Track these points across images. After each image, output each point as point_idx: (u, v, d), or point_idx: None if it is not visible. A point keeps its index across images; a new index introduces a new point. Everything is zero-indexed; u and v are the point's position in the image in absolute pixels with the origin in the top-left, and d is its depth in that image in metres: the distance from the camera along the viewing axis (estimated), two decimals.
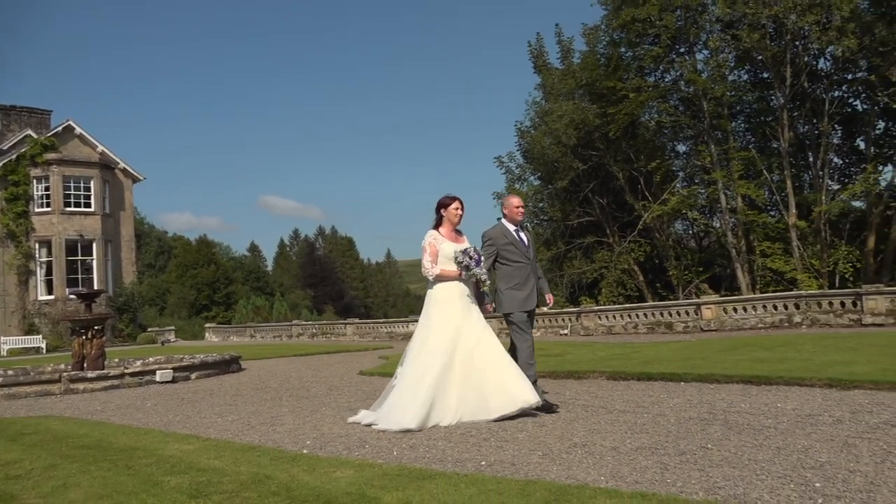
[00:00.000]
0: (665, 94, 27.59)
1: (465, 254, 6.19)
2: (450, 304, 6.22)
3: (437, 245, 6.30)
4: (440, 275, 6.24)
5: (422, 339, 6.15)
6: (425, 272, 6.31)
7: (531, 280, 6.56)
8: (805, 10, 22.28)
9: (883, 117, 26.10)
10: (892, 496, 3.30)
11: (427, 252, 6.30)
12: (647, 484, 3.72)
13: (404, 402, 5.86)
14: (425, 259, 6.31)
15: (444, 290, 6.26)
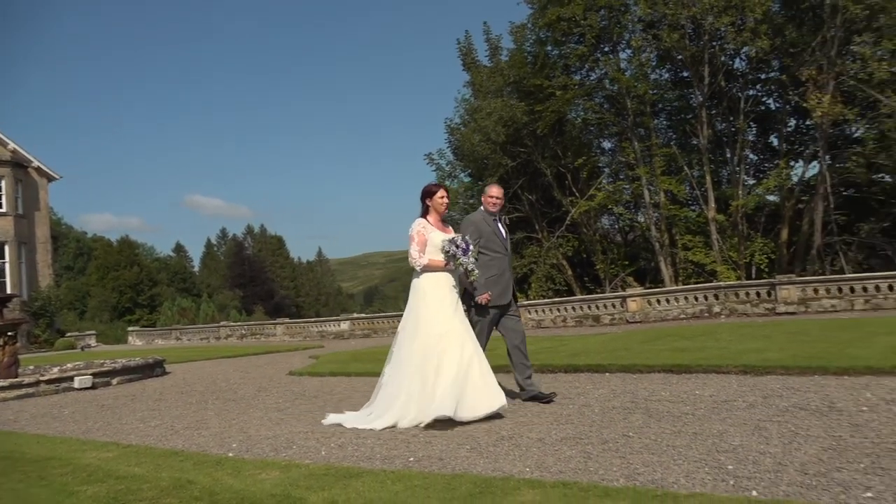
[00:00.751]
0: (590, 92, 28.17)
1: (452, 242, 5.90)
2: (438, 295, 5.91)
3: (426, 234, 5.99)
4: (428, 265, 5.92)
5: (411, 334, 5.81)
6: (413, 262, 5.97)
7: (507, 274, 6.40)
8: (721, 12, 23.10)
9: (794, 115, 27.34)
10: (797, 475, 3.48)
11: (415, 241, 5.97)
12: (570, 473, 3.81)
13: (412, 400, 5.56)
14: (413, 248, 5.98)
15: (431, 280, 5.95)
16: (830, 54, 22.64)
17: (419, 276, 5.98)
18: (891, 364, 6.49)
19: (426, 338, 5.69)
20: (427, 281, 5.95)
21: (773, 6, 24.21)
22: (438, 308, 5.84)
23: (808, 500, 3.10)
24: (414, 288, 6.04)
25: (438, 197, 6.12)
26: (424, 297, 5.90)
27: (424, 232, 5.99)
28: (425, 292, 5.92)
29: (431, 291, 5.91)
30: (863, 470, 3.48)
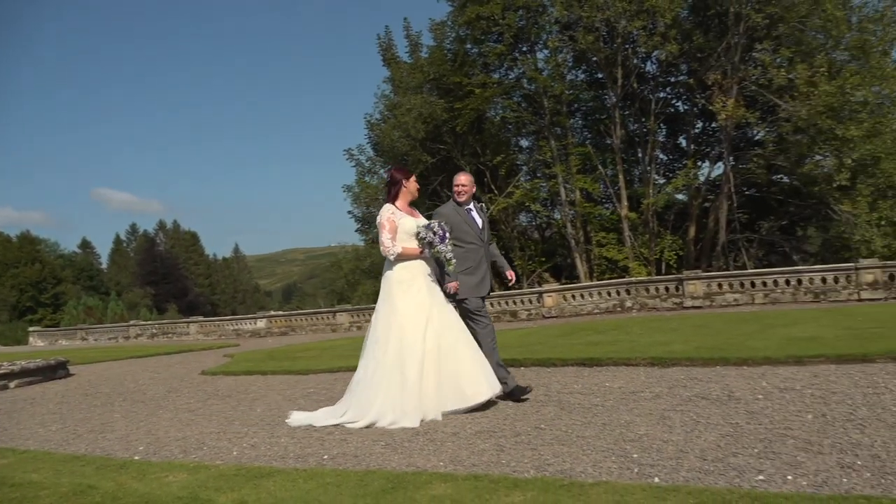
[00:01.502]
0: (509, 90, 28.53)
1: (428, 229, 5.59)
2: (414, 285, 5.59)
3: (396, 220, 5.65)
4: (402, 253, 5.59)
5: (386, 327, 5.50)
6: (385, 251, 5.62)
7: (484, 264, 6.10)
8: (633, 16, 23.83)
9: (701, 117, 28.49)
10: (696, 461, 3.65)
11: (386, 228, 5.63)
12: (483, 466, 3.87)
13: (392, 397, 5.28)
14: (384, 236, 5.63)
15: (406, 270, 5.63)
16: (734, 60, 23.71)
17: (392, 266, 5.66)
18: (785, 354, 6.87)
19: (404, 332, 5.42)
20: (401, 271, 5.63)
21: (682, 12, 25.15)
22: (414, 299, 5.55)
23: (706, 484, 3.25)
24: (387, 279, 5.68)
25: (412, 181, 5.86)
26: (399, 288, 5.58)
27: (394, 218, 5.67)
28: (399, 282, 5.60)
29: (407, 281, 5.61)
30: (756, 454, 3.68)
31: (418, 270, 5.66)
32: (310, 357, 11.90)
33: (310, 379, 8.91)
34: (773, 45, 23.06)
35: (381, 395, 5.32)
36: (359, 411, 5.39)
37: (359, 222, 33.58)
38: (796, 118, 22.03)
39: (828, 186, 22.41)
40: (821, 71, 21.51)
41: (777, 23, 23.00)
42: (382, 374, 5.38)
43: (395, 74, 31.68)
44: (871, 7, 23.37)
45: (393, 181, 5.87)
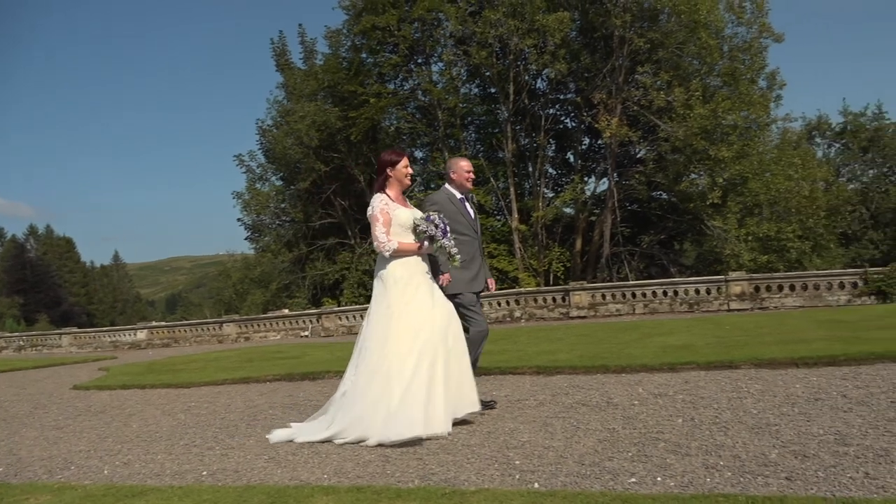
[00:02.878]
0: (404, 101, 28.73)
1: (428, 221, 5.05)
2: (412, 284, 5.05)
3: (391, 212, 5.09)
4: (398, 249, 5.03)
5: (383, 331, 4.92)
6: (380, 247, 5.03)
7: (478, 257, 5.71)
8: (525, 34, 24.58)
9: (588, 134, 29.72)
10: (575, 466, 3.77)
11: (380, 221, 5.05)
12: (368, 477, 3.84)
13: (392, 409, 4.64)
14: (378, 230, 5.04)
15: (403, 267, 5.06)
16: (618, 81, 24.88)
17: (386, 263, 5.09)
18: (660, 362, 7.23)
19: (402, 337, 4.86)
20: (398, 268, 5.06)
21: (571, 33, 26.17)
22: (414, 299, 5.00)
23: (582, 488, 3.37)
24: (381, 278, 5.11)
25: (402, 166, 5.23)
26: (396, 288, 5.01)
27: (388, 209, 5.10)
28: (396, 281, 5.03)
29: (404, 280, 5.04)
30: (630, 458, 3.85)
31: (416, 268, 5.12)
32: (193, 370, 11.46)
33: (192, 392, 8.58)
34: (653, 68, 24.39)
35: (377, 407, 4.70)
36: (348, 425, 4.79)
37: (249, 230, 32.75)
38: (674, 138, 23.37)
39: (702, 203, 23.88)
40: (696, 95, 22.93)
41: (657, 48, 24.35)
42: (374, 386, 4.77)
43: (288, 80, 31.18)
44: (741, 38, 25.22)
45: (380, 168, 5.28)
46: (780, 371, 6.38)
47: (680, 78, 24.45)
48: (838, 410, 4.54)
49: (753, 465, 3.51)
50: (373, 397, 4.75)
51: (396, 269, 5.05)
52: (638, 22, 24.51)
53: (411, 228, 5.11)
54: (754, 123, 25.13)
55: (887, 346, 6.88)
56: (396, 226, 5.08)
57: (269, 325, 23.85)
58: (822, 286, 17.45)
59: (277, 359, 12.05)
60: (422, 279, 5.10)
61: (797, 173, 24.83)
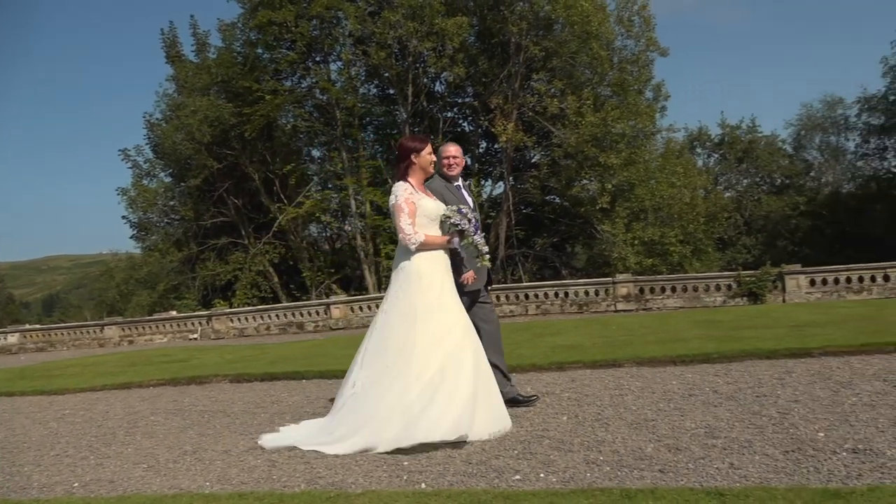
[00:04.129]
0: (301, 99, 28.20)
1: (461, 214, 4.75)
2: (437, 279, 4.70)
3: (416, 201, 4.72)
4: (425, 243, 4.67)
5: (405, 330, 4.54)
6: (406, 239, 4.65)
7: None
8: (424, 37, 24.69)
9: (485, 138, 30.19)
10: (462, 465, 3.82)
11: (404, 212, 4.66)
12: (252, 483, 3.75)
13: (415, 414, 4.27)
14: (403, 221, 4.66)
15: (428, 261, 4.70)
16: (514, 87, 25.43)
17: (408, 255, 4.71)
18: (549, 361, 7.44)
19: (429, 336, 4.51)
20: (423, 263, 4.69)
21: (469, 38, 26.52)
22: (440, 297, 4.67)
23: (468, 486, 3.42)
24: (404, 271, 4.72)
25: (427, 153, 4.83)
26: (420, 283, 4.64)
27: (413, 198, 4.73)
28: (420, 276, 4.66)
29: (429, 275, 4.69)
30: (516, 456, 3.94)
31: (441, 262, 4.78)
32: (69, 375, 10.81)
33: (66, 399, 8.10)
34: (548, 76, 25.10)
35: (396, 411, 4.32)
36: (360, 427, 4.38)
37: (134, 228, 31.22)
38: (566, 145, 24.13)
39: (592, 208, 24.77)
40: (587, 103, 23.77)
41: (552, 56, 25.07)
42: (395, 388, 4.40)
43: (179, 73, 29.96)
44: (630, 50, 26.35)
45: (400, 156, 4.88)
46: (659, 369, 6.70)
47: (573, 86, 25.26)
48: (709, 405, 4.82)
49: (630, 460, 3.67)
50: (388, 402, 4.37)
51: (422, 263, 4.69)
52: (534, 30, 25.14)
53: (438, 220, 4.80)
54: (641, 133, 26.31)
55: (755, 344, 7.36)
56: (422, 217, 4.72)
57: (155, 328, 22.85)
58: (701, 288, 18.48)
59: (162, 363, 11.56)
60: (447, 276, 4.79)
61: (679, 181, 26.18)
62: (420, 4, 24.00)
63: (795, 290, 17.58)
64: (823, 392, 4.92)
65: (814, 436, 3.81)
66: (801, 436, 3.82)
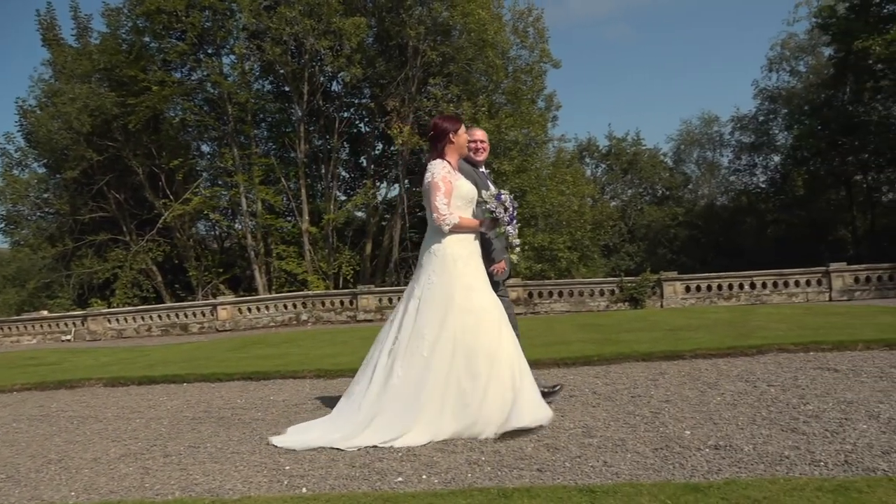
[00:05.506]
0: (191, 92, 27.18)
1: (499, 201, 4.50)
2: (472, 265, 4.46)
3: (453, 181, 4.46)
4: (458, 225, 4.43)
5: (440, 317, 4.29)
6: (440, 219, 4.38)
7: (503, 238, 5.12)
8: (321, 35, 24.35)
9: (381, 140, 30.11)
10: (345, 468, 3.79)
11: (441, 191, 4.40)
12: (122, 492, 3.59)
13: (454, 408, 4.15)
14: (439, 199, 4.39)
15: (462, 245, 4.46)
16: (411, 90, 25.53)
17: (441, 238, 4.46)
18: None
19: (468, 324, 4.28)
20: (455, 245, 4.45)
21: (367, 39, 26.40)
22: (475, 282, 4.44)
23: (350, 490, 3.40)
24: (437, 255, 4.47)
25: (462, 133, 4.65)
26: (456, 268, 4.41)
27: (451, 178, 4.48)
28: (455, 260, 4.43)
29: (463, 259, 4.44)
30: (399, 458, 3.95)
31: (474, 248, 4.56)
32: None
33: None
34: (444, 81, 25.36)
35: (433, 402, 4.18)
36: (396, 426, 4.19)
37: (2, 221, 29.10)
38: None
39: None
40: (482, 110, 24.20)
41: (449, 62, 25.35)
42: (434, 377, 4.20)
43: (57, 58, 28.19)
44: (524, 60, 27.06)
45: (438, 134, 4.63)
46: (543, 370, 6.88)
47: (468, 93, 25.63)
48: (588, 406, 5.01)
49: (511, 459, 3.76)
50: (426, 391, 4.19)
51: (454, 246, 4.46)
52: (431, 35, 25.32)
53: (472, 203, 4.59)
54: (533, 141, 27.06)
55: (633, 346, 7.72)
56: (457, 198, 4.49)
57: (23, 328, 21.36)
58: (586, 293, 19.18)
59: (30, 366, 10.82)
60: (480, 262, 4.57)
61: (568, 189, 27.11)
62: (318, 2, 23.69)
63: (672, 296, 18.58)
64: (692, 392, 5.21)
65: (681, 434, 4.04)
66: (670, 434, 4.04)
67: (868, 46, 20.78)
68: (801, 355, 6.52)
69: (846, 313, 10.54)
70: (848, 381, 5.24)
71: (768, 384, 5.29)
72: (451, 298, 4.33)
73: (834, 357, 6.32)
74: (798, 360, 6.24)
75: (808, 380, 5.36)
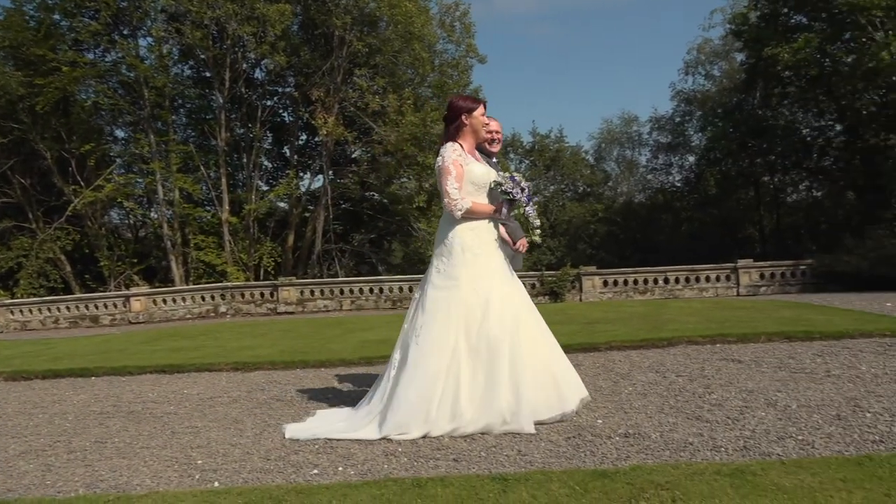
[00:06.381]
0: (104, 74, 26.02)
1: (514, 182, 4.28)
2: (483, 254, 4.26)
3: (464, 164, 4.25)
4: (471, 210, 4.23)
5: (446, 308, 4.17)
6: (451, 204, 4.20)
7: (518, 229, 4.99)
8: (244, 21, 23.74)
9: (305, 130, 29.64)
10: (260, 462, 3.74)
11: (451, 175, 4.20)
12: (21, 490, 3.43)
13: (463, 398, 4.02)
14: (450, 184, 4.19)
15: (473, 233, 4.26)
16: (337, 81, 25.23)
17: (452, 226, 4.29)
18: (359, 356, 7.47)
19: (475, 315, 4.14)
20: (466, 234, 4.27)
21: (292, 26, 25.91)
22: (485, 270, 4.25)
23: (264, 483, 3.36)
24: (447, 245, 4.30)
25: (479, 114, 4.38)
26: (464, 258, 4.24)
27: (462, 161, 4.27)
28: (464, 250, 4.25)
29: (474, 249, 4.26)
30: (316, 450, 3.92)
31: (488, 235, 4.36)
32: None
33: None
34: (370, 72, 25.17)
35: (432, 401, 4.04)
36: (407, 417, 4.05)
37: None
38: (386, 142, 24.35)
39: (409, 206, 25.20)
40: (408, 103, 24.14)
41: (375, 53, 25.17)
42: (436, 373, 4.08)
43: None
44: (450, 54, 27.15)
45: (452, 114, 4.40)
46: None
47: (394, 85, 25.51)
48: None
49: (428, 450, 3.79)
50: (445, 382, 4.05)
51: (465, 235, 4.27)
52: (358, 25, 25.05)
53: (486, 188, 4.37)
54: None
55: None
56: (469, 183, 4.28)
57: None
58: None
59: None
60: (494, 248, 4.37)
61: None
62: None
63: (591, 290, 19.06)
64: (605, 383, 5.37)
65: (593, 423, 4.16)
66: (583, 423, 4.16)
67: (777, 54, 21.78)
68: (709, 347, 6.82)
69: (751, 308, 11.08)
70: (750, 371, 5.51)
71: (677, 374, 5.51)
72: (457, 290, 4.19)
73: (738, 349, 6.64)
74: (705, 352, 6.52)
75: (714, 370, 5.61)
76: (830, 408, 4.19)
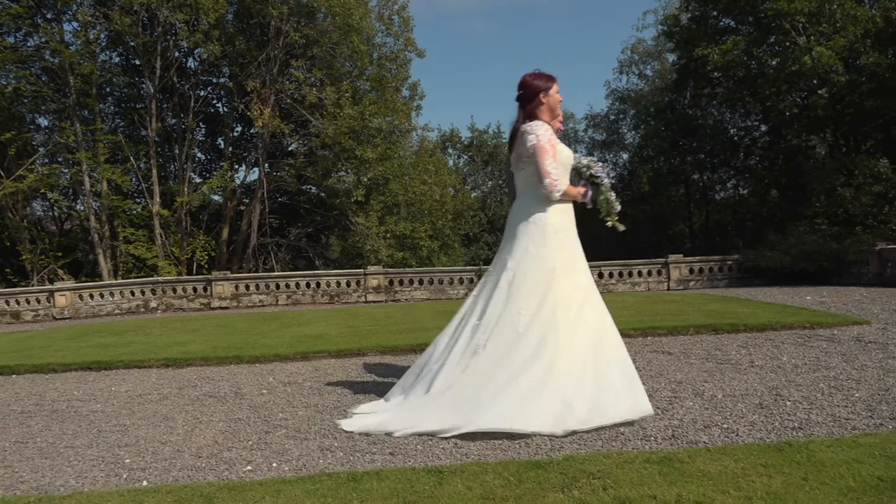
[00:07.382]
0: (26, 59, 24.86)
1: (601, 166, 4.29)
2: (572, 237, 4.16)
3: (556, 144, 4.09)
4: (565, 192, 4.12)
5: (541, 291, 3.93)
6: (552, 185, 4.01)
7: None
8: (176, 8, 23.05)
9: (240, 122, 28.97)
10: (191, 459, 3.66)
11: (549, 154, 4.01)
12: None
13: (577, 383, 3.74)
14: (549, 163, 4.00)
15: (561, 215, 4.13)
16: (273, 72, 24.77)
17: (545, 208, 4.11)
18: (294, 351, 7.38)
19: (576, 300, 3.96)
20: (556, 216, 4.12)
21: (227, 15, 25.29)
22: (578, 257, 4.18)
23: (195, 481, 3.28)
24: (537, 225, 4.10)
25: (555, 92, 4.22)
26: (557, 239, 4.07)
27: (554, 142, 4.11)
28: (557, 232, 4.09)
29: (564, 232, 4.13)
30: (250, 447, 3.86)
31: (572, 220, 4.25)
32: None
33: None
34: (308, 64, 24.80)
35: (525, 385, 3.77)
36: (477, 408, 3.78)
37: None
38: (324, 135, 24.07)
39: (347, 200, 24.99)
40: (346, 95, 23.90)
41: (313, 45, 24.80)
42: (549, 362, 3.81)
43: None
44: (389, 48, 27.01)
45: (529, 94, 4.18)
46: (401, 356, 6.98)
47: (332, 77, 25.21)
48: None
49: (364, 445, 3.78)
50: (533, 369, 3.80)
51: (555, 217, 4.13)
52: (295, 16, 24.62)
53: (569, 170, 4.25)
54: (397, 129, 27.06)
55: None
56: (559, 164, 4.14)
57: None
58: (446, 281, 19.51)
59: None
60: (576, 235, 4.27)
61: (431, 178, 27.32)
62: None
63: None
64: None
65: None
66: None
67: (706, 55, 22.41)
68: (640, 340, 7.00)
69: (680, 301, 11.42)
70: (679, 362, 5.69)
71: None
72: (553, 272, 4.03)
73: (668, 341, 6.84)
74: (637, 345, 6.69)
75: (645, 362, 5.77)
76: (754, 397, 4.36)
